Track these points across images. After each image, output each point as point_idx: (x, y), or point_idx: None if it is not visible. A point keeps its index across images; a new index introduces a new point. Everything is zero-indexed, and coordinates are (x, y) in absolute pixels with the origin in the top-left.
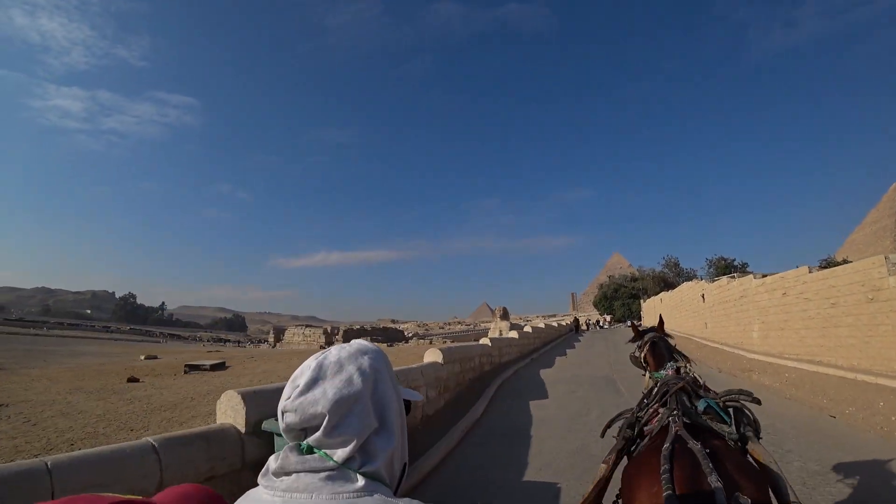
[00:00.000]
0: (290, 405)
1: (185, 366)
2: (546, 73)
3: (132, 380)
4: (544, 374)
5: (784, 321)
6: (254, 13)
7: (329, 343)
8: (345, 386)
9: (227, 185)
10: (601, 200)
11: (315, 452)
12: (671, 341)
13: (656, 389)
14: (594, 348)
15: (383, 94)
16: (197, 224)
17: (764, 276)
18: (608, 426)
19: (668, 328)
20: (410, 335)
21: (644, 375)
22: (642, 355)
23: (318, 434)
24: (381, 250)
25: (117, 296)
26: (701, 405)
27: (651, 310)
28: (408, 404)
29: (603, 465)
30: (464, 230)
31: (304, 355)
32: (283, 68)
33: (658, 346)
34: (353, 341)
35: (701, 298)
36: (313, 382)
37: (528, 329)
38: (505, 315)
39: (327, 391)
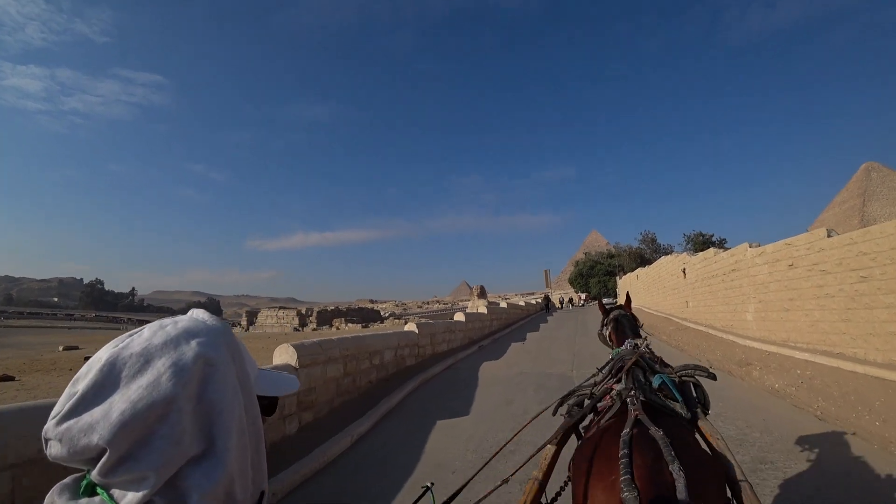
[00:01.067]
0: (53, 431)
1: (86, 358)
2: (527, 51)
3: (5, 378)
4: (485, 369)
5: (790, 300)
6: None
7: (303, 325)
8: (143, 396)
9: (200, 164)
10: (582, 179)
11: (97, 494)
12: (638, 322)
13: (612, 364)
14: (561, 331)
15: (361, 69)
16: (170, 206)
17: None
18: (560, 404)
19: (645, 307)
20: (387, 315)
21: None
22: (608, 333)
23: (94, 472)
24: (361, 230)
25: (85, 282)
26: (656, 381)
27: (626, 287)
28: (273, 401)
29: (550, 447)
30: (444, 208)
31: (259, 339)
32: (255, 42)
33: (621, 324)
34: (185, 315)
35: (682, 274)
36: (96, 391)
37: (482, 310)
38: (482, 293)
39: (112, 409)
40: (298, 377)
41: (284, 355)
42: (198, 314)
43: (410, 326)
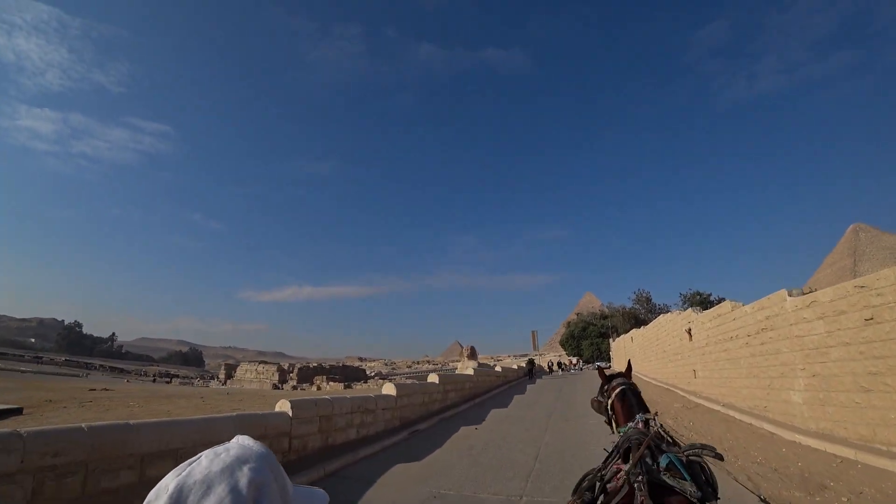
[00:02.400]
0: None
1: None
2: (523, 115)
3: None
4: (385, 484)
5: (871, 375)
6: (236, 43)
7: (283, 382)
8: None
9: (198, 213)
10: (576, 240)
11: None
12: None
13: (620, 444)
14: (535, 409)
15: (362, 130)
16: (166, 253)
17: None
18: (578, 487)
19: (641, 374)
20: (373, 374)
21: (610, 425)
22: (609, 402)
23: None
24: (354, 286)
25: (82, 327)
26: (663, 461)
27: (620, 350)
28: None
29: None
30: (439, 267)
31: (181, 399)
32: (262, 99)
33: (627, 396)
34: (233, 443)
35: (687, 335)
36: None
37: (432, 379)
38: (473, 354)
39: None
40: None
41: None
42: (244, 441)
43: (282, 405)
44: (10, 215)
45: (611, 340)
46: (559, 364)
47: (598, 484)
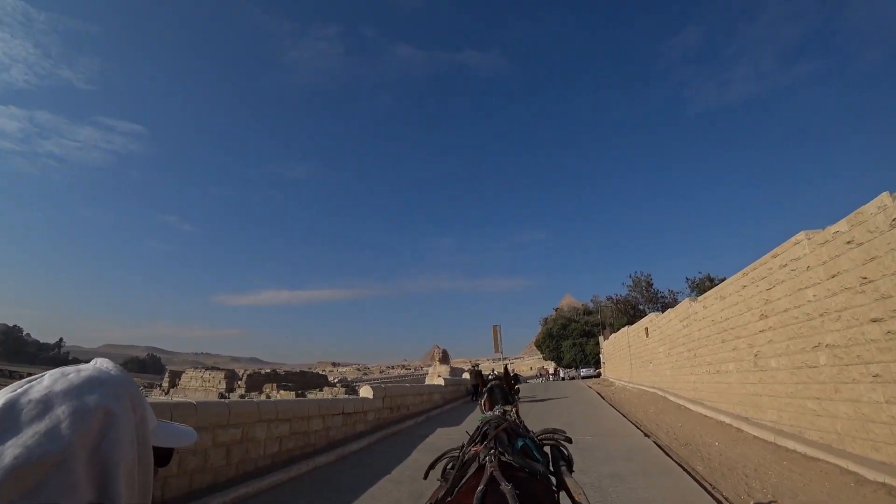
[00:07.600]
0: None
1: None
2: (502, 118)
3: None
4: None
5: None
6: (213, 42)
7: (230, 390)
8: (40, 443)
9: (172, 216)
10: (555, 242)
11: None
12: (514, 393)
13: (480, 428)
14: None
15: (341, 132)
16: (137, 256)
17: None
18: (432, 466)
19: (675, 392)
20: (336, 381)
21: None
22: (482, 400)
23: None
24: (332, 289)
25: (24, 331)
26: (518, 444)
27: (621, 351)
28: (168, 452)
29: None
30: (418, 271)
31: None
32: (239, 100)
33: (494, 392)
34: (88, 364)
35: None
36: None
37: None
38: (445, 358)
39: (4, 453)
40: None
41: None
42: (101, 363)
43: None
44: None
45: (601, 338)
46: (514, 376)
47: (458, 462)
